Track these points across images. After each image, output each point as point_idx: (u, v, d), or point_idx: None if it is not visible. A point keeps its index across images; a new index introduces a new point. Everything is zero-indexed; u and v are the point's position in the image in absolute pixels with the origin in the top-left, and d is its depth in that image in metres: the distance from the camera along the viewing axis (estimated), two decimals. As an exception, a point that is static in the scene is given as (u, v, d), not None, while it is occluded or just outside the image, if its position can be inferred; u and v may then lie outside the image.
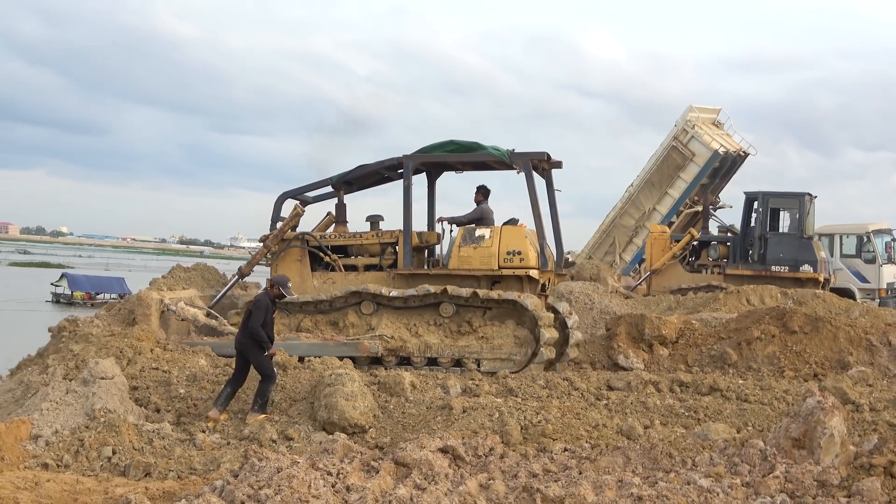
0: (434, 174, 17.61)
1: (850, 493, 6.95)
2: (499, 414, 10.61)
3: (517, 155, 15.68)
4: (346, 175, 16.68)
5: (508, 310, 15.13)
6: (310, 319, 15.73)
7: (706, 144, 32.31)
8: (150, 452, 9.30)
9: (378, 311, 15.45)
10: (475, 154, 16.11)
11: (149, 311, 15.40)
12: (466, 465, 7.88)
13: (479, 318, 15.20)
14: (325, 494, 6.55)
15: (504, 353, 15.03)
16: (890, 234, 29.97)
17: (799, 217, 26.81)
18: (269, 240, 16.27)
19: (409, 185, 15.96)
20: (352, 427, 10.49)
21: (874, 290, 28.96)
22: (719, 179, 33.70)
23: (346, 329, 15.46)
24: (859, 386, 13.69)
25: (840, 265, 29.58)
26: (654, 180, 33.64)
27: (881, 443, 8.20)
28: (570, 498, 6.52)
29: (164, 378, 12.28)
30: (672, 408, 11.87)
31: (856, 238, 29.72)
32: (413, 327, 15.29)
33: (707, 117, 33.80)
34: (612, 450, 8.56)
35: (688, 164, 32.80)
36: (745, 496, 6.61)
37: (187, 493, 6.93)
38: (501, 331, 15.10)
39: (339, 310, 15.70)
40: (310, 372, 12.21)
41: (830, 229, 30.44)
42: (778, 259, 26.79)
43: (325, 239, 16.47)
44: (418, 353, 15.06)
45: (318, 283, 16.05)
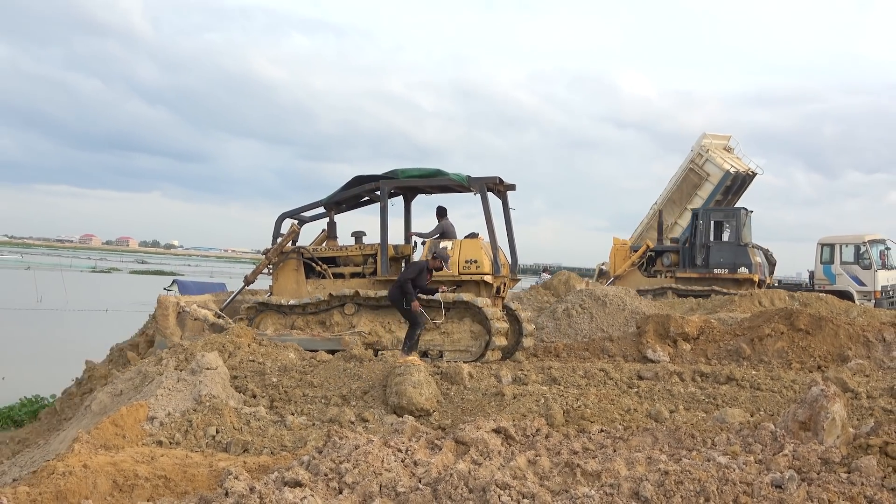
0: (409, 196, 17.99)
1: (849, 469, 6.85)
2: (544, 400, 10.59)
3: (473, 179, 16.06)
4: (333, 197, 17.04)
5: (465, 309, 15.44)
6: (302, 319, 16.21)
7: (719, 166, 32.31)
8: (248, 432, 9.37)
9: (358, 312, 15.90)
10: (439, 179, 16.40)
11: (167, 313, 15.90)
12: (516, 444, 7.86)
13: (441, 316, 15.51)
14: (395, 468, 6.57)
15: (462, 345, 15.37)
16: (884, 244, 29.78)
17: (737, 228, 27.56)
18: (270, 253, 16.75)
19: (385, 205, 16.29)
20: (418, 411, 10.55)
21: (870, 292, 28.82)
22: (731, 196, 33.66)
23: (332, 327, 15.89)
24: (857, 377, 13.51)
25: (840, 271, 29.50)
26: (675, 198, 33.65)
27: (877, 426, 8.08)
28: (606, 472, 6.48)
29: (260, 369, 12.39)
30: (694, 395, 11.78)
31: (854, 247, 29.52)
32: (387, 325, 15.72)
33: (719, 143, 33.77)
34: (642, 431, 8.50)
35: (703, 183, 32.83)
36: (757, 471, 6.53)
37: (279, 466, 6.97)
38: (460, 327, 15.44)
39: (326, 311, 16.10)
40: (382, 364, 12.25)
41: (832, 240, 30.30)
42: (719, 263, 27.54)
43: (317, 252, 16.92)
44: (391, 347, 15.29)
45: (311, 289, 16.50)
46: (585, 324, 19.38)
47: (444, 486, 6.00)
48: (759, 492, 5.89)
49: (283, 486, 6.15)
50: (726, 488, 5.91)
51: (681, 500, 5.77)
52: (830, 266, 29.81)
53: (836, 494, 5.99)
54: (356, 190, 16.88)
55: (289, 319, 16.28)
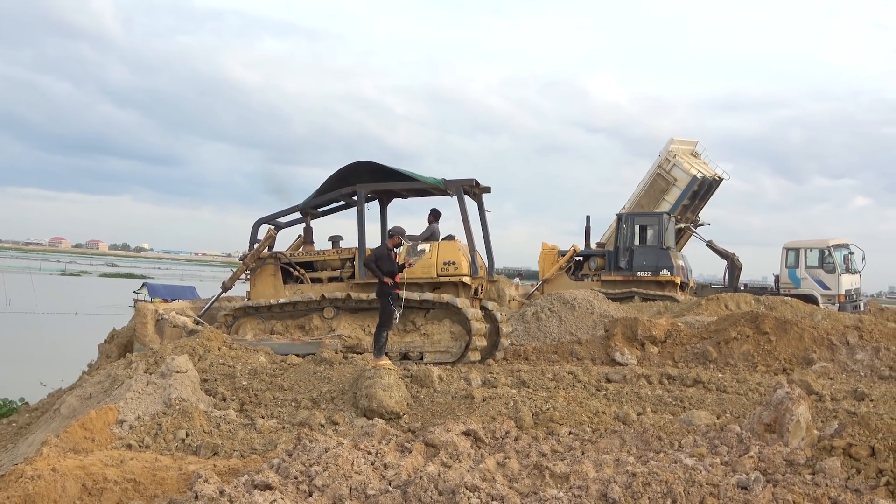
0: (385, 200, 17.99)
1: (814, 470, 6.90)
2: (513, 402, 10.61)
3: (450, 182, 16.03)
4: (310, 202, 17.01)
5: (445, 310, 15.40)
6: (281, 324, 16.07)
7: (686, 171, 32.51)
8: (218, 435, 9.33)
9: (338, 315, 15.80)
10: (416, 182, 16.37)
11: (145, 320, 15.81)
12: (486, 446, 7.87)
13: (421, 318, 15.55)
14: (365, 471, 6.55)
15: (443, 346, 15.34)
16: (848, 248, 30.05)
17: (659, 232, 27.85)
18: (248, 258, 16.64)
19: (362, 209, 16.22)
20: (388, 413, 10.52)
21: (834, 296, 29.08)
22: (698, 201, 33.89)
23: (312, 331, 15.75)
24: (822, 379, 13.64)
25: (805, 275, 29.77)
26: (643, 203, 33.81)
27: (841, 428, 8.15)
28: (574, 474, 6.49)
29: (230, 372, 12.35)
30: (661, 397, 11.85)
31: (818, 251, 29.79)
32: (367, 327, 15.57)
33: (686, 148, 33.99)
34: (610, 433, 8.54)
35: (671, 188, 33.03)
36: (723, 473, 6.57)
37: (249, 469, 6.95)
38: (440, 328, 15.43)
39: (305, 314, 15.99)
40: (352, 367, 12.24)
41: (797, 244, 30.57)
42: (642, 266, 27.94)
43: (294, 256, 16.83)
44: (371, 350, 15.13)
45: (289, 293, 16.36)
46: (554, 327, 19.43)
47: (413, 489, 5.99)
48: (726, 493, 5.93)
49: (252, 489, 6.12)
50: (693, 490, 5.94)
51: (648, 501, 5.79)
52: (795, 270, 30.07)
53: (800, 496, 6.03)
54: (333, 195, 16.83)
55: (268, 324, 16.15)
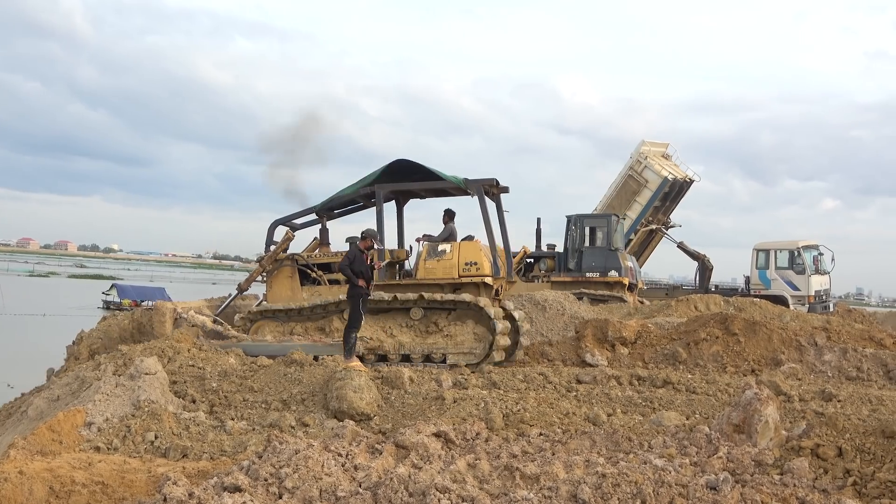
0: (402, 201, 17.87)
1: (782, 471, 6.95)
2: (484, 404, 10.60)
3: (471, 182, 15.92)
4: (326, 203, 16.92)
5: (468, 311, 15.28)
6: (300, 326, 15.91)
7: (657, 172, 32.67)
8: (187, 437, 9.28)
9: None
10: (435, 182, 16.31)
11: (164, 319, 15.66)
12: (456, 448, 7.87)
13: (443, 319, 15.40)
14: (335, 472, 6.54)
15: (466, 347, 15.18)
16: (817, 249, 30.30)
17: (608, 233, 28.03)
18: (265, 260, 16.52)
19: (380, 209, 16.11)
20: (359, 415, 10.48)
21: (804, 297, 29.32)
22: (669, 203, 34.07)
23: (332, 333, 15.59)
24: (790, 380, 13.74)
25: (775, 276, 30.02)
26: (615, 204, 33.93)
27: (808, 428, 8.22)
28: (545, 475, 6.51)
29: (200, 374, 12.27)
30: (631, 398, 11.88)
31: (788, 253, 30.02)
32: (388, 329, 15.44)
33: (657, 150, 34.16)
34: (580, 434, 8.56)
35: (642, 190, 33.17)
36: (693, 474, 6.60)
37: (219, 471, 6.91)
38: (463, 329, 15.26)
39: (325, 317, 15.86)
40: (323, 368, 12.20)
41: (767, 245, 30.82)
42: (591, 267, 28.13)
43: (311, 258, 16.71)
44: (393, 351, 15.19)
45: (306, 296, 16.24)
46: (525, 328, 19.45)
47: (384, 491, 5.98)
48: (694, 494, 5.96)
49: (222, 491, 6.10)
50: (662, 490, 5.96)
51: (618, 502, 5.81)
52: (766, 271, 30.31)
53: (768, 496, 6.07)
54: (350, 195, 16.72)
55: (287, 326, 15.98)
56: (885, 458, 7.30)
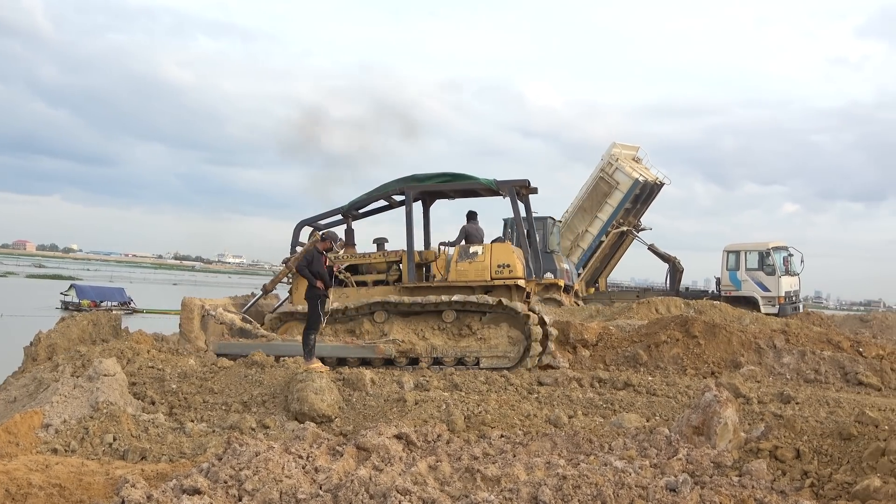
0: (428, 201, 17.71)
1: (741, 472, 7.01)
2: (445, 406, 10.61)
3: (502, 183, 15.87)
4: (354, 204, 16.75)
5: (502, 314, 15.12)
6: (330, 328, 15.62)
7: (628, 175, 32.76)
8: (146, 439, 9.20)
9: (389, 319, 15.43)
10: (466, 183, 16.18)
11: (192, 315, 15.34)
12: (418, 450, 7.86)
13: (477, 321, 15.21)
14: (296, 475, 6.51)
15: (500, 351, 15.03)
16: (787, 251, 30.54)
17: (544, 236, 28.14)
18: (291, 261, 16.18)
19: (410, 210, 15.99)
20: (320, 417, 10.44)
21: (774, 297, 29.52)
22: (640, 205, 34.20)
23: (362, 335, 15.40)
24: (749, 382, 13.86)
25: (746, 277, 30.22)
26: (586, 206, 33.98)
27: (767, 430, 8.30)
28: (506, 477, 6.52)
29: (159, 375, 12.16)
30: (592, 400, 11.92)
31: (758, 254, 30.22)
32: (420, 332, 15.25)
33: (628, 153, 34.26)
34: (541, 436, 8.59)
35: (613, 192, 33.21)
36: (652, 475, 6.64)
37: (178, 473, 6.86)
38: (497, 332, 15.09)
39: (355, 318, 15.65)
40: (284, 370, 12.14)
41: (737, 247, 31.04)
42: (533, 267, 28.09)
43: (338, 260, 16.35)
44: (425, 355, 14.99)
45: (333, 298, 15.85)
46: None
47: (344, 493, 5.97)
48: (654, 495, 5.99)
49: (181, 493, 6.06)
50: (622, 492, 5.99)
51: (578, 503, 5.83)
52: (736, 273, 30.52)
53: (727, 497, 6.12)
54: (378, 195, 16.60)
55: None
56: (842, 460, 7.38)
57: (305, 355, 13.12)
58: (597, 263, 34.72)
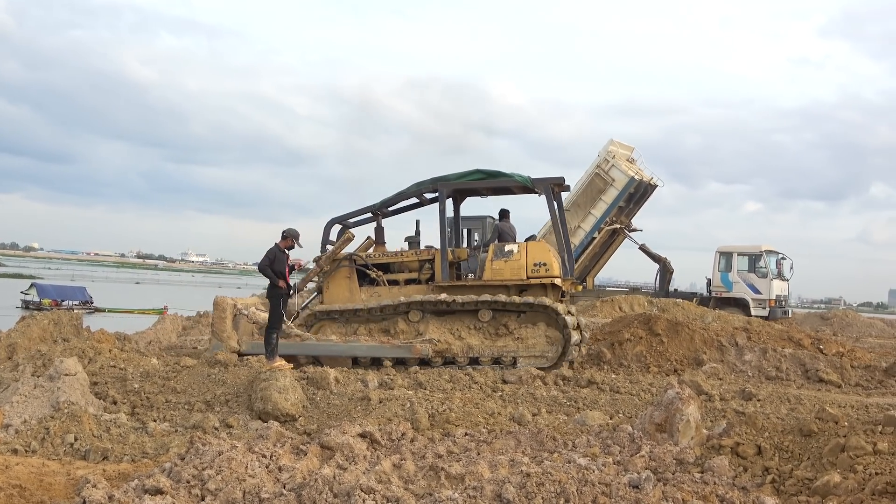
0: (459, 199, 17.61)
1: (703, 469, 7.06)
2: (410, 404, 10.62)
3: (538, 180, 15.82)
4: (387, 202, 16.58)
5: (540, 313, 15.08)
6: (364, 327, 15.55)
7: (624, 172, 32.73)
8: (108, 439, 9.12)
9: (424, 318, 15.34)
10: (501, 180, 16.05)
11: (224, 315, 15.08)
12: (382, 448, 7.85)
13: (514, 321, 15.15)
14: (259, 474, 6.48)
15: (538, 351, 15.00)
16: (780, 255, 30.67)
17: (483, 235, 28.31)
18: (322, 260, 16.05)
19: (443, 208, 15.91)
20: (284, 416, 10.39)
21: (765, 300, 29.64)
22: (633, 205, 34.21)
23: (397, 335, 15.28)
24: (711, 380, 13.99)
25: (737, 279, 30.28)
26: (580, 202, 33.87)
27: (728, 427, 8.37)
28: (470, 475, 6.52)
29: (121, 374, 12.07)
30: (556, 398, 11.98)
31: (752, 256, 30.30)
32: (456, 331, 15.19)
33: (623, 153, 34.22)
34: (505, 434, 8.60)
35: (608, 189, 33.11)
36: (616, 472, 6.67)
37: (140, 474, 6.80)
38: (534, 332, 15.06)
39: (389, 318, 15.53)
40: (247, 369, 12.09)
41: (729, 248, 31.13)
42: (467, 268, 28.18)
43: (370, 258, 16.28)
44: (462, 354, 14.95)
45: (365, 297, 15.84)
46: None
47: (308, 492, 5.95)
48: (617, 492, 6.01)
49: (143, 493, 6.01)
50: (585, 489, 6.01)
51: (542, 501, 5.84)
52: (728, 274, 30.60)
53: (689, 494, 6.16)
54: (412, 193, 16.47)
55: (349, 327, 15.66)
56: (803, 456, 7.45)
57: (268, 354, 13.06)
58: (587, 261, 34.69)
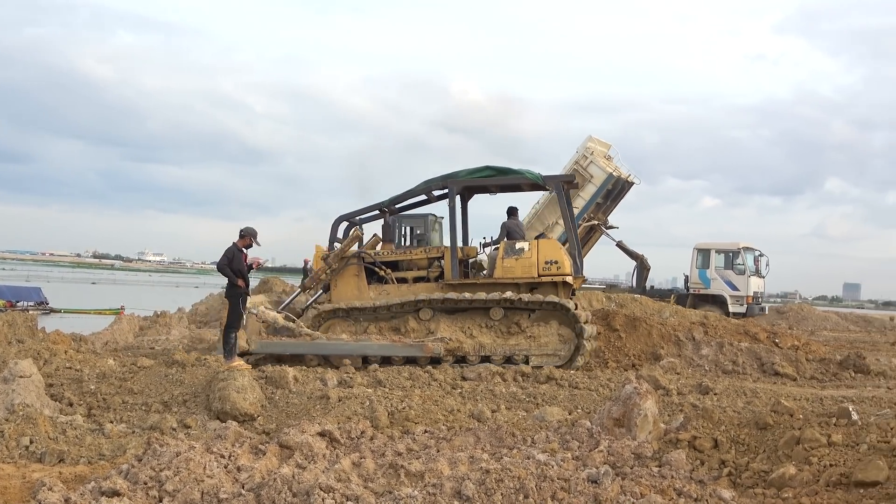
0: (467, 196, 17.52)
1: (660, 463, 7.11)
2: (369, 402, 10.60)
3: (549, 178, 15.91)
4: (395, 200, 16.50)
5: (552, 311, 15.05)
6: (374, 325, 15.45)
7: (602, 168, 32.70)
8: (64, 441, 9.02)
9: (435, 317, 15.25)
10: (511, 177, 16.04)
11: None
12: (341, 447, 7.84)
13: (525, 319, 15.09)
14: (218, 474, 6.45)
15: (550, 349, 14.95)
16: (758, 252, 30.78)
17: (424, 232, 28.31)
18: (331, 258, 15.90)
19: (453, 206, 15.84)
20: (242, 416, 10.32)
21: (743, 297, 29.73)
22: (610, 202, 34.20)
23: (408, 333, 15.18)
24: (669, 374, 14.10)
25: (715, 275, 30.30)
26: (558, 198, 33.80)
27: (686, 421, 8.43)
28: (430, 472, 6.53)
29: (77, 376, 11.95)
30: (515, 394, 12.01)
31: (729, 254, 30.37)
32: (467, 329, 15.10)
33: (601, 150, 34.21)
34: (464, 431, 8.61)
35: (587, 185, 33.02)
36: (574, 468, 6.70)
37: (97, 476, 6.74)
38: (547, 330, 15.00)
39: (399, 316, 15.44)
40: (205, 369, 12.01)
41: (706, 245, 31.17)
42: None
43: (378, 256, 16.20)
44: (474, 353, 14.85)
45: (373, 294, 15.73)
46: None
47: (267, 491, 5.93)
48: (576, 487, 6.05)
49: (100, 496, 5.96)
50: (544, 485, 6.04)
51: (501, 497, 5.86)
52: (706, 271, 30.67)
53: (647, 487, 6.20)
54: (421, 191, 16.36)
55: (359, 326, 15.53)
56: (759, 449, 7.53)
57: (226, 354, 12.97)
58: None
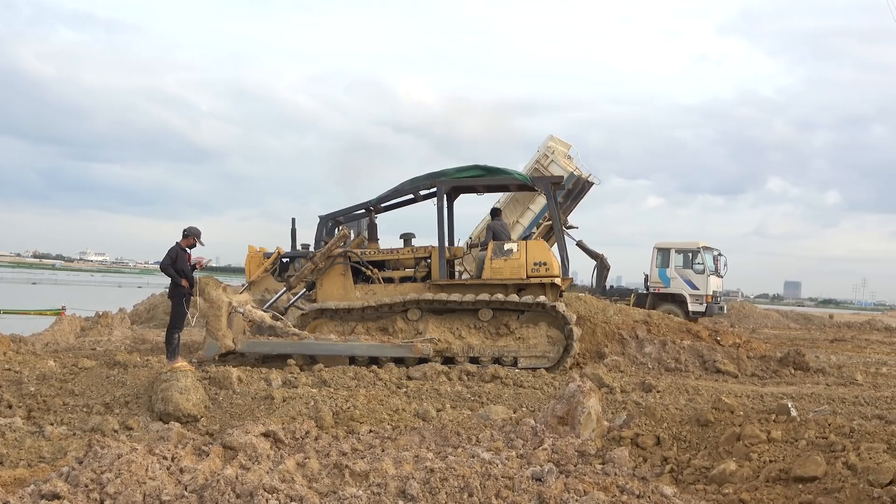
0: (453, 196, 17.38)
1: (604, 460, 7.18)
2: (314, 402, 10.56)
3: (537, 179, 15.99)
4: (382, 198, 16.40)
5: (541, 312, 15.01)
6: (362, 326, 15.31)
7: (563, 168, 32.78)
8: (2, 444, 8.89)
9: (423, 317, 15.16)
10: (500, 178, 15.97)
11: (220, 313, 14.64)
12: (286, 447, 7.81)
13: (514, 320, 15.04)
14: (160, 476, 6.39)
15: (539, 351, 14.90)
16: (717, 251, 31.00)
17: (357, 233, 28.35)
18: (317, 257, 15.79)
19: (441, 205, 15.75)
20: (185, 417, 10.23)
21: (702, 296, 29.89)
22: (570, 202, 34.30)
23: (396, 333, 15.07)
24: (613, 372, 14.24)
25: (675, 274, 30.40)
26: (519, 197, 33.85)
27: (629, 419, 8.53)
28: (374, 472, 6.53)
29: (16, 378, 11.77)
30: (460, 393, 12.04)
31: (689, 253, 30.54)
32: (456, 330, 15.02)
33: (561, 149, 34.29)
34: (409, 430, 8.63)
35: None
36: (519, 466, 6.75)
37: (36, 479, 6.65)
38: (536, 331, 14.95)
39: (387, 316, 15.33)
40: (147, 370, 11.89)
41: (666, 245, 31.29)
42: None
43: (365, 255, 16.07)
44: (462, 354, 14.80)
45: (360, 294, 15.61)
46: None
47: (210, 493, 5.89)
48: (520, 485, 6.09)
49: (39, 499, 5.88)
50: (489, 483, 6.07)
51: (446, 496, 5.88)
52: (665, 270, 30.82)
53: (591, 485, 6.26)
54: (408, 190, 16.23)
55: (346, 326, 15.38)
56: (700, 446, 7.64)
57: (168, 354, 12.87)
58: None
